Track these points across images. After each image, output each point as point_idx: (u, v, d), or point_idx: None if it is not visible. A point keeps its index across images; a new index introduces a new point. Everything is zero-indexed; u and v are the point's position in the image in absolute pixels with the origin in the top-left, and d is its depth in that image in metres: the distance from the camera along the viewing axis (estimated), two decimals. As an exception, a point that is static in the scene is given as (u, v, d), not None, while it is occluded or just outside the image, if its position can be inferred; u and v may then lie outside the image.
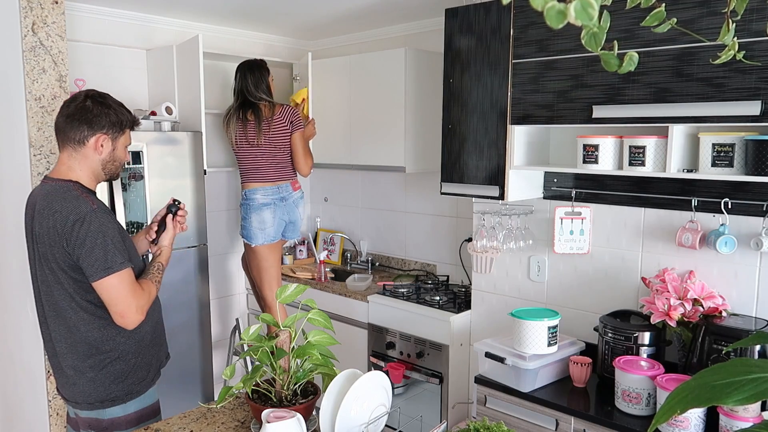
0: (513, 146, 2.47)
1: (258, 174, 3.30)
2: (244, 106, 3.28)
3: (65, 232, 1.69)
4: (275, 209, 3.31)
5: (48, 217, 1.72)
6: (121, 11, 3.27)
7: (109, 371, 1.84)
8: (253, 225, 3.28)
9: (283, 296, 1.62)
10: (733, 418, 1.79)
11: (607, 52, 0.82)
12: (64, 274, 1.75)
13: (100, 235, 1.70)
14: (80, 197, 1.74)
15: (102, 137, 1.80)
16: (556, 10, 0.64)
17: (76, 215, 1.70)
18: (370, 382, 1.53)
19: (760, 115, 1.82)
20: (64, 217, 1.70)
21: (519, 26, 2.38)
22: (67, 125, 1.78)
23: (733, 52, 1.04)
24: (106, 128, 1.80)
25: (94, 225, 1.70)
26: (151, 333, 1.96)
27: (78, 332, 1.80)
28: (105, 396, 1.84)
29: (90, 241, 1.69)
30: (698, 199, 2.20)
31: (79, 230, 1.68)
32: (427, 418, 3.02)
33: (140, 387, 1.90)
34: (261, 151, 3.29)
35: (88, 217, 1.70)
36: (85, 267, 1.71)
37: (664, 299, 2.11)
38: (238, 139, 3.28)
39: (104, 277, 1.70)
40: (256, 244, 3.30)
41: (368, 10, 3.23)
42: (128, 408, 1.88)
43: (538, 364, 2.23)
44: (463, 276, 3.41)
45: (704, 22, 1.90)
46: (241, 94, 3.31)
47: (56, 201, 1.73)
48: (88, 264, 1.70)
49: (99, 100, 1.81)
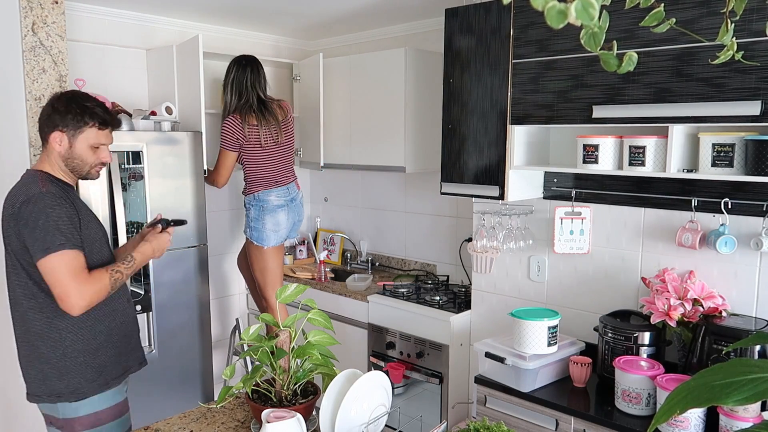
0: (513, 146, 2.47)
1: (276, 176, 3.26)
2: (263, 106, 3.20)
3: (14, 213, 1.75)
4: (288, 210, 3.30)
5: (6, 200, 1.80)
6: (121, 11, 3.27)
7: (54, 365, 1.82)
8: (267, 227, 3.24)
9: (283, 296, 1.62)
10: (733, 418, 1.79)
11: (607, 52, 0.82)
12: (16, 259, 1.80)
13: (43, 216, 1.72)
14: (36, 182, 1.79)
15: (58, 134, 1.85)
16: (556, 10, 0.64)
17: (25, 196, 1.75)
18: (370, 382, 1.53)
19: (760, 115, 1.82)
20: (15, 197, 1.77)
21: (519, 26, 2.38)
22: (39, 125, 1.89)
23: (731, 52, 1.04)
24: (61, 125, 1.84)
25: (39, 206, 1.73)
26: (105, 334, 1.91)
27: (28, 321, 1.82)
28: (49, 390, 1.82)
29: (32, 222, 1.72)
30: (698, 199, 2.20)
31: (25, 210, 1.73)
32: (427, 418, 3.02)
33: (89, 388, 1.85)
34: (280, 153, 3.26)
35: (34, 198, 1.74)
36: (29, 247, 1.73)
37: (664, 299, 2.11)
38: (265, 142, 3.19)
39: (44, 257, 1.71)
40: (269, 246, 3.28)
41: (368, 10, 3.23)
42: (79, 409, 1.84)
43: (538, 364, 2.23)
44: (463, 276, 3.41)
45: (704, 22, 1.90)
46: (254, 91, 3.19)
47: (16, 186, 1.83)
48: (31, 243, 1.72)
49: (66, 98, 1.87)
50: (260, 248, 3.28)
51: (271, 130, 3.20)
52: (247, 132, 3.14)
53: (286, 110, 3.33)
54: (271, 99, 3.30)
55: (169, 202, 3.03)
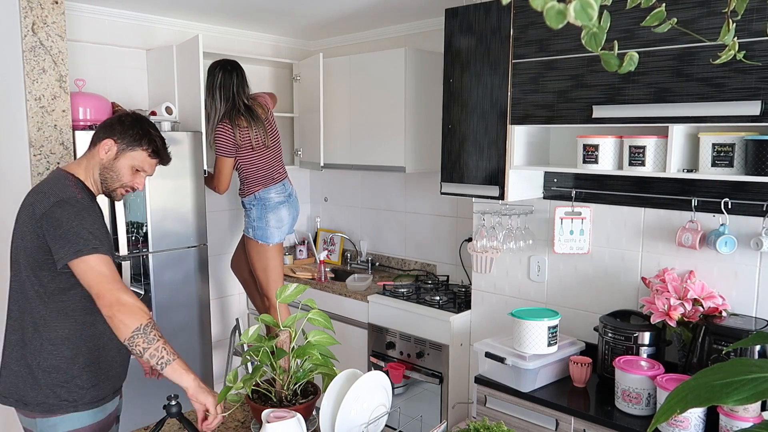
0: (513, 146, 2.47)
1: (272, 173, 3.30)
2: (249, 110, 3.24)
3: (42, 211, 1.69)
4: (288, 206, 3.34)
5: (31, 195, 1.76)
6: (121, 11, 3.27)
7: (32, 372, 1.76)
8: (271, 224, 3.27)
9: (283, 296, 1.62)
10: (733, 418, 1.79)
11: (607, 52, 0.82)
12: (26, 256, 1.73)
13: (78, 219, 1.68)
14: (69, 186, 1.76)
15: (110, 142, 1.83)
16: (555, 10, 0.64)
17: (57, 197, 1.70)
18: (370, 382, 1.53)
19: (760, 115, 1.82)
20: (47, 197, 1.71)
21: (519, 26, 2.38)
22: (97, 129, 1.87)
23: (733, 52, 1.04)
24: (118, 137, 1.83)
25: (75, 209, 1.70)
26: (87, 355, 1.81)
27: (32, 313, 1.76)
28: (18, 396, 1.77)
29: (66, 223, 1.66)
30: (698, 199, 2.20)
31: (58, 211, 1.68)
32: (427, 418, 3.02)
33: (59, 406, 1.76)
34: (270, 151, 3.30)
35: (70, 201, 1.70)
36: (55, 249, 1.67)
37: (664, 299, 2.11)
38: (256, 143, 3.23)
39: (77, 258, 1.64)
40: (273, 243, 3.30)
41: (368, 10, 3.23)
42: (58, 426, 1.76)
43: (538, 364, 2.23)
44: (463, 276, 3.41)
45: (704, 22, 1.90)
46: (239, 97, 3.24)
47: (46, 184, 1.78)
48: (61, 245, 1.65)
49: (135, 118, 1.88)
50: (263, 247, 3.30)
51: (260, 131, 3.24)
52: (239, 136, 3.19)
53: (266, 106, 3.36)
54: (252, 99, 3.32)
55: (169, 202, 3.03)
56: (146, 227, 2.95)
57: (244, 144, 3.21)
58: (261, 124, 3.25)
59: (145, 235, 2.94)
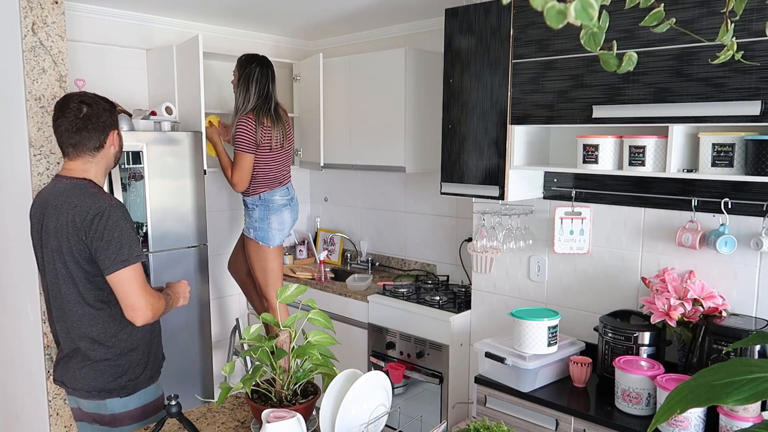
0: (513, 146, 2.47)
1: (279, 176, 3.29)
2: (276, 109, 3.25)
3: (84, 226, 1.78)
4: (290, 209, 3.34)
5: (67, 212, 1.81)
6: (121, 11, 3.27)
7: (110, 364, 1.89)
8: (273, 227, 3.27)
9: (283, 296, 1.62)
10: (733, 418, 1.79)
11: (607, 52, 0.82)
12: (77, 267, 1.82)
13: (117, 229, 1.79)
14: (98, 194, 1.85)
15: (113, 133, 1.94)
16: (556, 10, 0.64)
17: (96, 210, 1.79)
18: (370, 382, 1.53)
19: (760, 115, 1.82)
20: (84, 211, 1.79)
21: (519, 26, 2.38)
22: (83, 138, 1.88)
23: (731, 52, 1.04)
24: (112, 124, 1.94)
25: (112, 219, 1.79)
26: (150, 332, 2.01)
27: (81, 326, 1.87)
28: (102, 386, 1.89)
29: (108, 234, 1.78)
30: (698, 199, 2.20)
31: (98, 224, 1.78)
32: (427, 418, 3.02)
33: (138, 383, 1.95)
34: (284, 154, 3.29)
35: (107, 211, 1.80)
36: (101, 260, 1.79)
37: (664, 299, 2.11)
38: (275, 144, 3.21)
39: (119, 270, 1.78)
40: (274, 245, 3.30)
41: (368, 10, 3.23)
42: (129, 404, 1.92)
43: (538, 364, 2.23)
44: (463, 276, 3.41)
45: (704, 22, 1.90)
46: (268, 94, 3.21)
47: (75, 197, 1.83)
48: (105, 257, 1.78)
49: (89, 102, 1.91)
50: (263, 248, 3.29)
51: (280, 133, 3.23)
52: (260, 134, 3.14)
53: (285, 110, 3.39)
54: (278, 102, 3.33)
55: (169, 203, 3.03)
56: (146, 227, 2.95)
57: (264, 143, 3.17)
58: (282, 126, 3.25)
59: (145, 235, 2.94)
